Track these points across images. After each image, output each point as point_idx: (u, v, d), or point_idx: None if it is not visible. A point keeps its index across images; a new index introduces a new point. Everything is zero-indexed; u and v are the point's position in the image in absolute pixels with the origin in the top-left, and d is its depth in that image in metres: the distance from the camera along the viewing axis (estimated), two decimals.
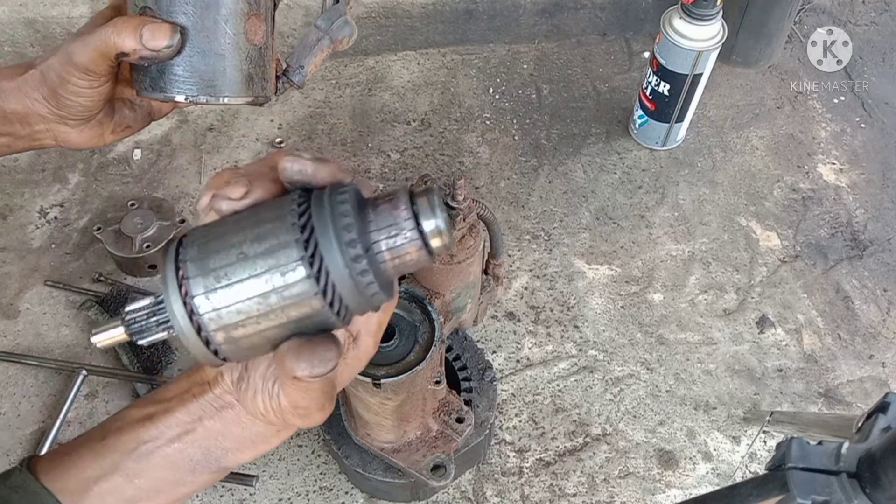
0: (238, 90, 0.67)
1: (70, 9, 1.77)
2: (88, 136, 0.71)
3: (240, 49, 0.66)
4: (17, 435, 1.35)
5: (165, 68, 0.64)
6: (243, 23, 0.65)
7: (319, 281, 0.40)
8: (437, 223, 0.41)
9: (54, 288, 1.53)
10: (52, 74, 0.65)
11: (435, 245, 0.42)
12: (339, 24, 0.74)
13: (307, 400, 0.45)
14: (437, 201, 0.42)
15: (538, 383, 1.45)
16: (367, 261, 0.41)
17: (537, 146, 1.82)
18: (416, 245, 0.42)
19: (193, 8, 0.63)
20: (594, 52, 2.03)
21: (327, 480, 1.33)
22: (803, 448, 0.52)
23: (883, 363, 1.51)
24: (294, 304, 0.40)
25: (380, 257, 0.42)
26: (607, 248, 1.65)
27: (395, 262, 0.42)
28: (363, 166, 1.76)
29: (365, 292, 0.41)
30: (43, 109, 0.67)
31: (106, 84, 0.67)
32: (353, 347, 0.51)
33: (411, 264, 0.43)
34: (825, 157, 1.84)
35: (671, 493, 1.35)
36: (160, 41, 0.62)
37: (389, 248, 0.42)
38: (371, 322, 0.51)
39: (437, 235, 0.42)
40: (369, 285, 0.41)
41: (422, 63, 1.98)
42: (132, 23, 0.62)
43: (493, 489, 1.33)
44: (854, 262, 1.66)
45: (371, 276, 0.41)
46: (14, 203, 1.66)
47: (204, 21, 0.63)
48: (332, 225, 0.40)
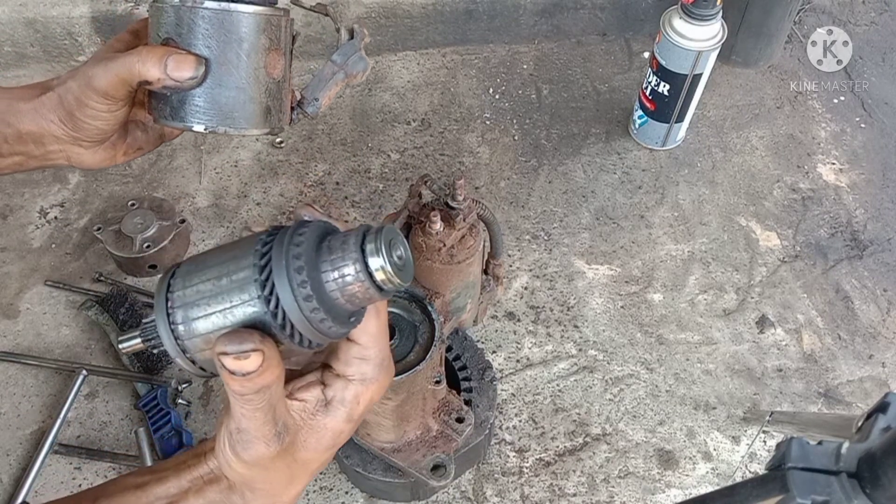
0: (256, 122, 0.68)
1: (70, 9, 1.77)
2: (101, 157, 0.71)
3: (259, 82, 0.67)
4: (17, 435, 1.35)
5: (186, 98, 0.65)
6: (264, 57, 0.66)
7: (277, 316, 0.44)
8: (381, 263, 0.44)
9: (54, 288, 1.53)
10: (69, 97, 0.65)
11: (381, 280, 0.45)
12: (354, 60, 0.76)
13: (247, 420, 0.46)
14: (383, 240, 0.45)
15: (538, 383, 1.45)
16: (316, 299, 0.44)
17: (537, 146, 1.82)
18: (363, 283, 0.45)
19: (217, 42, 0.64)
20: (594, 52, 2.03)
21: (327, 480, 1.33)
22: (803, 448, 0.51)
23: (883, 363, 1.51)
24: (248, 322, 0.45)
25: (332, 294, 0.45)
26: (607, 248, 1.65)
27: (346, 298, 0.46)
28: (363, 166, 1.76)
29: (320, 327, 0.45)
30: (58, 131, 0.67)
31: (123, 108, 0.67)
32: (322, 412, 0.50)
33: (364, 299, 0.46)
34: (825, 157, 1.84)
35: (671, 493, 1.35)
36: (185, 72, 0.62)
37: (339, 286, 0.45)
38: (347, 393, 0.50)
39: (383, 273, 0.45)
40: (322, 321, 0.45)
41: (422, 63, 1.98)
42: (157, 52, 0.62)
43: (493, 489, 1.34)
44: (854, 262, 1.66)
45: (322, 312, 0.45)
46: (14, 203, 1.66)
47: (226, 54, 0.64)
48: (285, 265, 0.44)
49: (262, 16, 0.65)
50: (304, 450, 0.50)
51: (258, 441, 0.47)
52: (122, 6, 1.79)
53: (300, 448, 0.50)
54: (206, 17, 0.63)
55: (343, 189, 1.72)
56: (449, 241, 1.02)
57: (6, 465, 1.32)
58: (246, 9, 0.64)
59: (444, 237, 1.01)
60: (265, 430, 0.47)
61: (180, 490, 0.50)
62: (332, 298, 0.45)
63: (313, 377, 0.51)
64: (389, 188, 1.73)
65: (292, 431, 0.49)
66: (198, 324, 0.45)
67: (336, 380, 0.51)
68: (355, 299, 0.46)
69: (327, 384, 0.51)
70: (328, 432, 0.51)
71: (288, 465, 0.50)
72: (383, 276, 0.45)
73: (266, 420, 0.46)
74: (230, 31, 0.63)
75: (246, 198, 1.69)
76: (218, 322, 0.45)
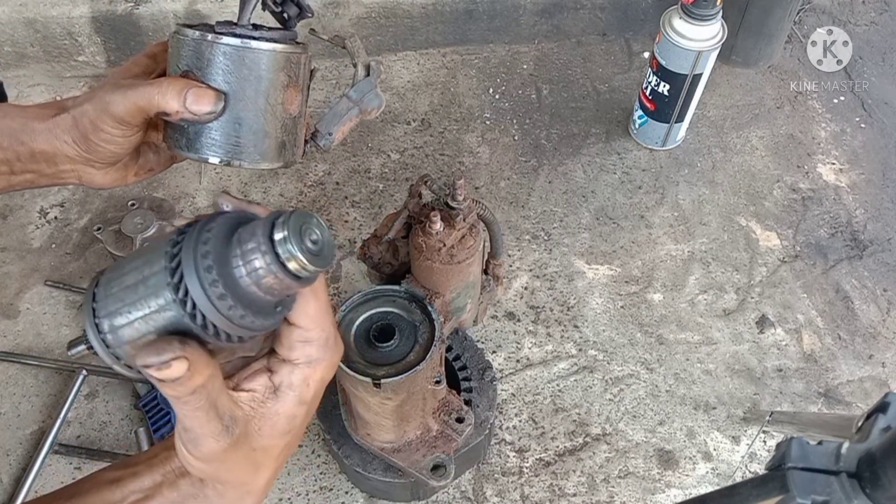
0: (271, 157, 0.68)
1: (70, 9, 1.77)
2: (112, 178, 0.72)
3: (276, 118, 0.67)
4: (18, 435, 1.35)
5: (203, 131, 0.65)
6: (282, 94, 0.66)
7: (186, 306, 0.43)
8: (292, 251, 0.42)
9: (54, 288, 1.53)
10: (85, 120, 0.65)
11: (293, 269, 0.43)
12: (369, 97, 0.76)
13: (189, 419, 0.46)
14: (292, 227, 0.43)
15: (538, 383, 1.45)
16: (231, 296, 0.43)
17: (537, 146, 1.82)
18: (275, 274, 0.43)
19: (236, 77, 0.64)
20: (594, 53, 2.03)
21: (327, 480, 1.33)
22: (803, 448, 0.52)
23: (883, 363, 1.51)
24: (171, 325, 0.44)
25: (248, 289, 0.44)
26: (607, 248, 1.65)
27: (264, 290, 0.44)
28: (363, 166, 1.76)
29: (242, 322, 0.44)
30: (71, 152, 0.67)
31: (137, 133, 0.67)
32: (272, 399, 0.50)
33: (283, 289, 0.45)
34: (825, 157, 1.84)
35: (671, 493, 1.35)
36: (204, 107, 0.62)
37: (253, 280, 0.43)
38: (294, 377, 0.50)
39: (295, 262, 0.43)
40: (243, 317, 0.44)
41: (422, 63, 1.98)
42: (177, 85, 0.63)
43: (493, 489, 1.34)
44: (854, 262, 1.66)
45: (240, 308, 0.43)
46: (14, 203, 1.66)
47: (245, 90, 0.64)
48: (194, 265, 0.43)
49: (281, 54, 0.65)
50: (260, 437, 0.50)
51: (206, 438, 0.47)
52: (122, 6, 1.79)
53: (255, 436, 0.50)
54: (227, 52, 0.63)
55: (343, 189, 1.72)
56: (449, 241, 1.02)
57: (6, 465, 1.32)
58: (266, 46, 0.64)
59: (444, 237, 1.01)
60: (210, 426, 0.46)
61: (154, 483, 0.50)
62: (249, 293, 0.44)
63: (259, 365, 0.51)
64: (389, 188, 1.73)
65: (242, 422, 0.49)
66: (123, 332, 0.45)
67: (282, 365, 0.50)
68: (273, 291, 0.44)
69: (274, 370, 0.50)
70: (281, 418, 0.50)
71: (246, 455, 0.50)
72: (296, 265, 0.43)
73: (209, 418, 0.46)
74: (250, 67, 0.64)
75: (246, 198, 1.69)
76: (142, 328, 0.44)
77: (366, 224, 1.66)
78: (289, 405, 0.50)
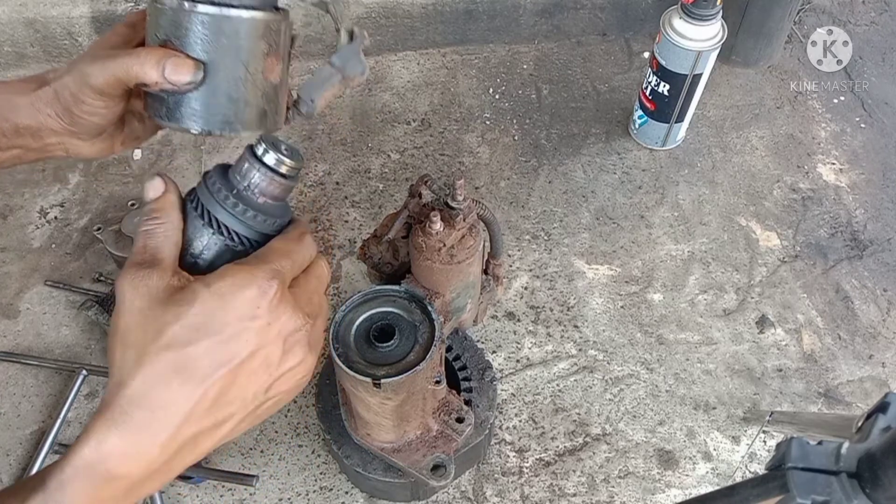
0: (252, 125, 0.68)
1: (70, 9, 1.77)
2: (99, 148, 0.72)
3: (257, 86, 0.66)
4: (17, 435, 1.35)
5: (182, 100, 0.64)
6: (262, 62, 0.65)
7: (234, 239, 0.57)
8: (275, 156, 0.58)
9: (54, 288, 1.53)
10: (66, 93, 0.65)
11: (284, 171, 0.58)
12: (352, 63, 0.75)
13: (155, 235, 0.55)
14: (267, 143, 0.58)
15: (538, 383, 1.45)
16: (251, 209, 0.57)
17: (537, 146, 1.82)
18: (272, 178, 0.58)
19: (215, 46, 0.63)
20: (594, 52, 2.03)
21: (327, 480, 1.33)
22: (803, 448, 0.51)
23: (883, 363, 1.51)
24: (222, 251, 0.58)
25: (250, 196, 0.58)
26: (607, 248, 1.65)
27: (269, 195, 0.59)
28: (363, 166, 1.76)
29: (254, 222, 0.58)
30: (55, 125, 0.67)
31: (119, 104, 0.67)
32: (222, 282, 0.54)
33: (282, 190, 0.59)
34: (825, 157, 1.84)
35: (671, 493, 1.35)
36: (183, 76, 0.62)
37: (260, 190, 0.58)
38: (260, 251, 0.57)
39: (280, 163, 0.58)
40: (254, 216, 0.58)
41: (422, 63, 1.98)
42: (155, 55, 0.62)
43: (493, 489, 1.34)
44: (854, 262, 1.66)
45: (250, 210, 0.57)
46: (14, 203, 1.66)
47: (224, 59, 0.63)
48: (210, 195, 0.58)
49: (261, 21, 0.64)
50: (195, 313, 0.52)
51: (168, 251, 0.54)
52: (122, 6, 1.79)
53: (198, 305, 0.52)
54: (205, 21, 0.62)
55: (343, 189, 1.72)
56: (449, 241, 1.02)
57: (6, 465, 1.32)
58: (245, 14, 0.63)
59: (444, 237, 1.01)
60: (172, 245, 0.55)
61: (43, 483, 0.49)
62: (259, 202, 0.58)
63: None
64: (389, 188, 1.73)
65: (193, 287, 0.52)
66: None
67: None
68: (275, 193, 0.59)
69: None
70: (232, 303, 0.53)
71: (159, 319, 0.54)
72: (284, 166, 0.58)
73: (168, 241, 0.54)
74: (229, 36, 0.63)
75: None
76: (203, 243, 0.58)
77: (366, 224, 1.66)
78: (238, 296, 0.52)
